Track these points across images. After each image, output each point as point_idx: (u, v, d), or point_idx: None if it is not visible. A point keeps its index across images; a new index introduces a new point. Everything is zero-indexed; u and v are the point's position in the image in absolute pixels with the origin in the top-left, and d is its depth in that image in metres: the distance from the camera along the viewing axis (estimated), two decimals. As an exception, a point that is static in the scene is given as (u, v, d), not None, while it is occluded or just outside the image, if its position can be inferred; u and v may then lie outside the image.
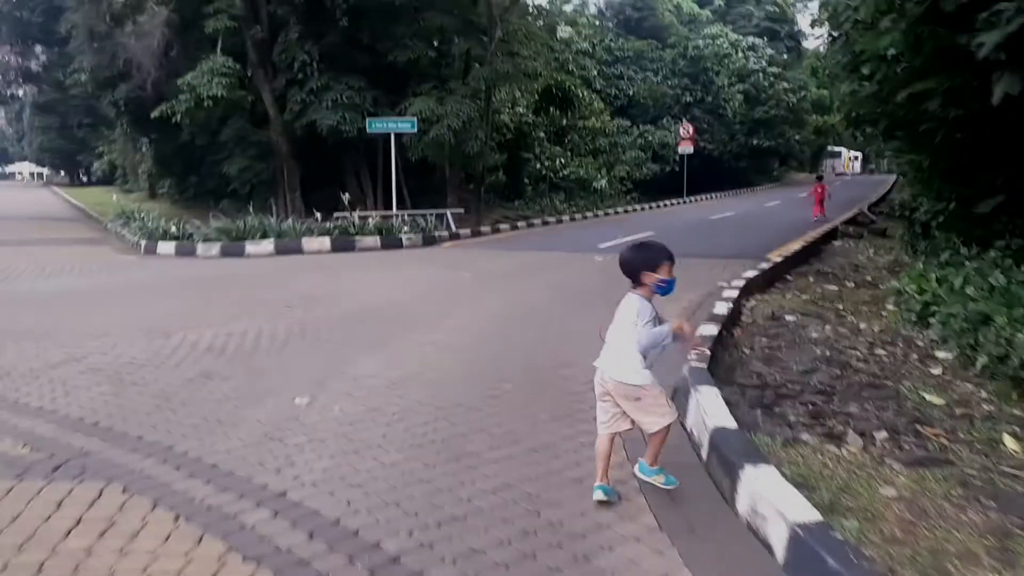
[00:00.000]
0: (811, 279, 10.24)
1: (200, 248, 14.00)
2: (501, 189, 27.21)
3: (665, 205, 30.14)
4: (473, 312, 7.65)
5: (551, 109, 29.73)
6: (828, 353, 5.87)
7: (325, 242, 14.11)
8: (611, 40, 39.54)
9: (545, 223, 20.84)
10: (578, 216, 23.02)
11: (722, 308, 6.60)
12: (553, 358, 5.75)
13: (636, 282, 3.57)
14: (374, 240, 14.49)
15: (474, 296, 8.73)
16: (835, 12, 10.68)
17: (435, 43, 22.66)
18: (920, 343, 6.29)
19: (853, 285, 9.97)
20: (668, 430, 3.40)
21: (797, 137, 55.07)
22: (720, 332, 5.85)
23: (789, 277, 10.42)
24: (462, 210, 18.96)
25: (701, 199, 34.66)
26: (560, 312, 7.70)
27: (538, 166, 28.40)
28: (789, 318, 7.06)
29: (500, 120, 26.18)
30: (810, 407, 4.76)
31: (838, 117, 32.75)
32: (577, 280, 10.17)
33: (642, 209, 27.96)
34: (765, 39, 51.41)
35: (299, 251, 13.89)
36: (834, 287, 9.74)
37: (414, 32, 21.24)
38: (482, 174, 21.62)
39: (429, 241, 15.34)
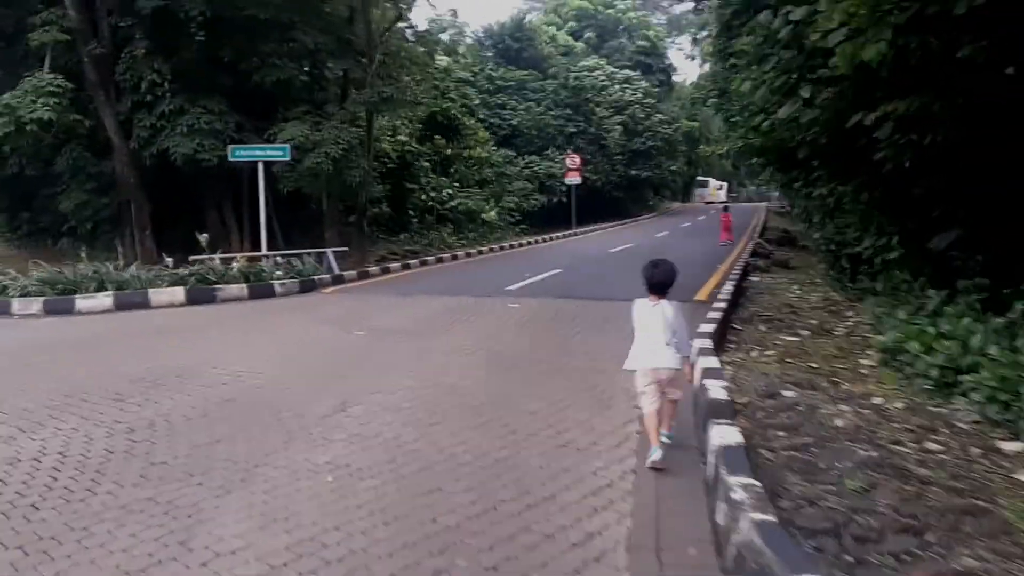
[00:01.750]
0: (761, 327, 8.98)
1: (16, 305, 11.19)
2: (385, 222, 25.19)
3: (556, 237, 29.04)
4: (377, 399, 5.70)
5: (435, 137, 28.10)
6: (873, 453, 4.39)
7: (178, 293, 11.63)
8: (491, 69, 38.54)
9: (439, 260, 18.99)
10: (472, 251, 21.34)
11: (718, 390, 5.00)
12: (514, 486, 3.92)
13: (664, 293, 4.59)
14: (240, 288, 12.13)
15: (373, 369, 6.77)
16: (767, 30, 9.60)
17: (307, 65, 20.55)
18: (963, 424, 4.95)
19: (808, 333, 8.79)
20: None
21: (673, 167, 56.35)
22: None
23: (736, 325, 9.12)
24: (345, 248, 16.81)
25: (590, 230, 33.95)
26: (495, 392, 5.88)
27: (424, 197, 26.62)
28: (788, 394, 5.58)
29: (382, 148, 24.25)
30: (910, 561, 3.21)
31: (723, 147, 33.20)
32: (499, 337, 8.38)
33: (535, 242, 26.67)
34: (639, 72, 52.41)
35: (145, 305, 11.34)
36: (790, 337, 8.51)
37: (284, 51, 19.07)
38: (365, 206, 19.56)
39: (307, 287, 13.13)
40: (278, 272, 12.96)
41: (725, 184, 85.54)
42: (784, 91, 10.26)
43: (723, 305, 9.38)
